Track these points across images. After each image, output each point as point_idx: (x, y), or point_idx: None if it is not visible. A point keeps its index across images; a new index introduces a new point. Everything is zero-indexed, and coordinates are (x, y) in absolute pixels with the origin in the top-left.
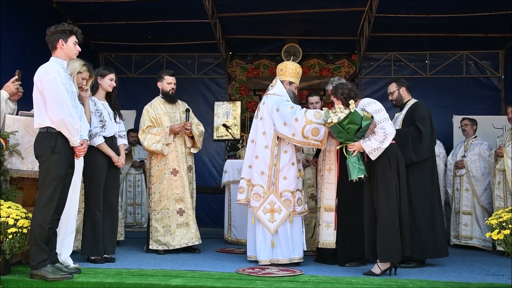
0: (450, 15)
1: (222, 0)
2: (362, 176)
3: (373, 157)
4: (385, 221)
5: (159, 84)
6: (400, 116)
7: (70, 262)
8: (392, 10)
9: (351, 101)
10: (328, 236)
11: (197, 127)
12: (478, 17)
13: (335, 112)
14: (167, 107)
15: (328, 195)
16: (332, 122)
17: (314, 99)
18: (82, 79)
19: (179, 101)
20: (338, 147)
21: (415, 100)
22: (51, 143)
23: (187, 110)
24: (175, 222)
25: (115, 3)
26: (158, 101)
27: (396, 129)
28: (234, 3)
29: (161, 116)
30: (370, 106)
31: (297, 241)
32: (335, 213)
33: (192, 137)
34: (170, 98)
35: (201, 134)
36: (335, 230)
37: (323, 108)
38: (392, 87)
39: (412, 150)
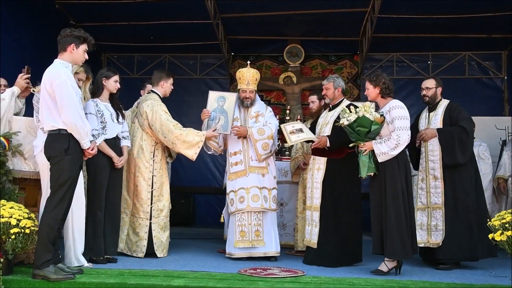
0: (452, 15)
1: (225, 1)
2: (372, 173)
3: (380, 159)
4: (392, 218)
5: (142, 92)
6: (437, 116)
7: (84, 261)
8: (394, 11)
9: (361, 106)
10: (313, 236)
11: None
12: (481, 18)
13: (349, 114)
14: None
15: (316, 194)
16: (343, 123)
17: (310, 98)
18: (79, 80)
19: None
20: (350, 145)
21: (448, 100)
22: (64, 144)
23: None
24: None
25: (118, 4)
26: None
27: (440, 129)
28: (236, 3)
29: None
30: (396, 110)
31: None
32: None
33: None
34: None
35: None
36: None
37: (345, 103)
38: (431, 83)
39: (459, 151)
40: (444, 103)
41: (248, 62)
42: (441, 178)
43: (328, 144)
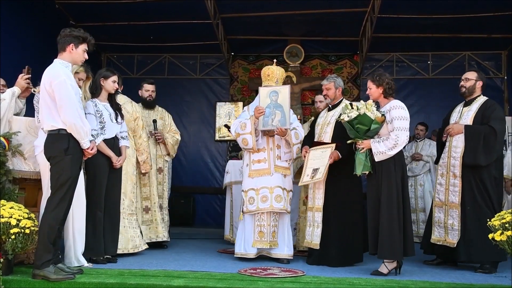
0: (452, 15)
1: (225, 1)
2: (367, 172)
3: (376, 158)
4: (383, 219)
5: (139, 92)
6: (470, 112)
7: (83, 261)
8: (394, 11)
9: (363, 103)
10: (315, 237)
11: (173, 136)
12: (481, 18)
13: (350, 110)
14: (144, 112)
15: (319, 195)
16: (343, 119)
17: (317, 97)
18: (79, 80)
19: (158, 107)
20: (348, 142)
21: (486, 98)
22: (64, 144)
23: (154, 121)
24: (141, 218)
25: (118, 4)
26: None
27: (468, 125)
28: (236, 3)
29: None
30: (396, 110)
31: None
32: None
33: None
34: (148, 104)
35: (176, 143)
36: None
37: (345, 102)
38: (472, 75)
39: (482, 152)
40: (481, 99)
41: (275, 60)
42: (459, 176)
43: (340, 156)
